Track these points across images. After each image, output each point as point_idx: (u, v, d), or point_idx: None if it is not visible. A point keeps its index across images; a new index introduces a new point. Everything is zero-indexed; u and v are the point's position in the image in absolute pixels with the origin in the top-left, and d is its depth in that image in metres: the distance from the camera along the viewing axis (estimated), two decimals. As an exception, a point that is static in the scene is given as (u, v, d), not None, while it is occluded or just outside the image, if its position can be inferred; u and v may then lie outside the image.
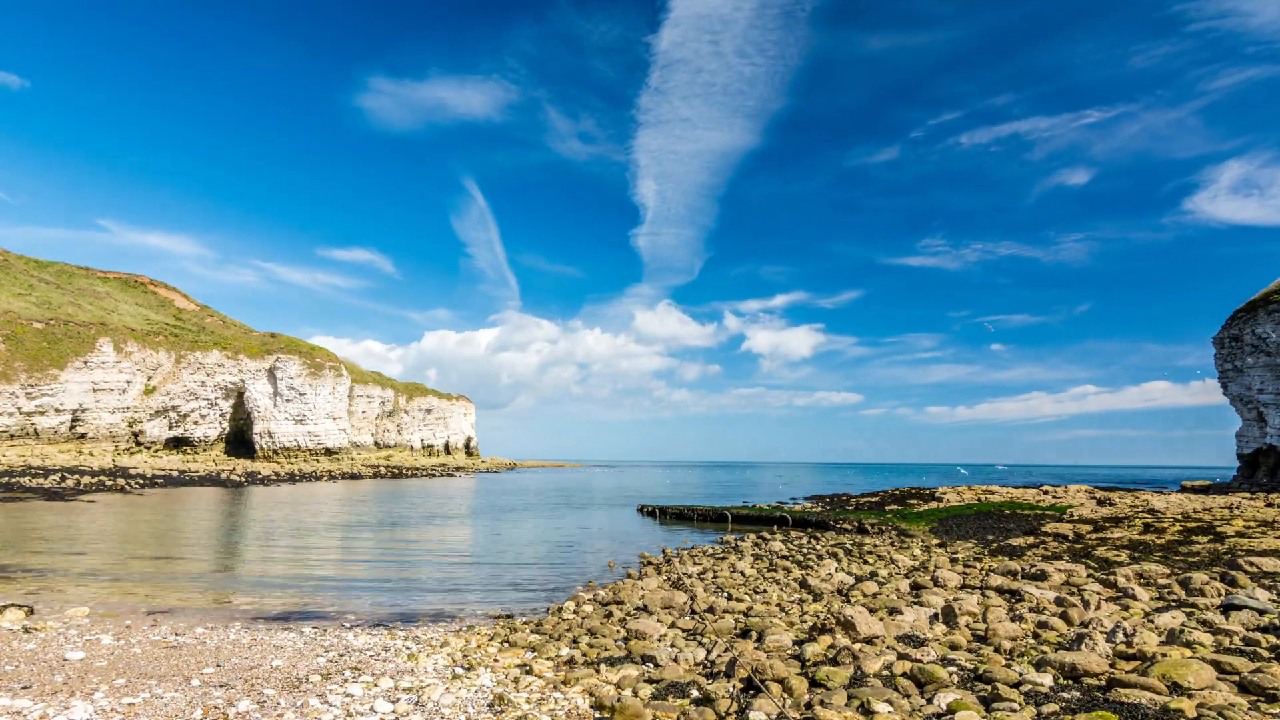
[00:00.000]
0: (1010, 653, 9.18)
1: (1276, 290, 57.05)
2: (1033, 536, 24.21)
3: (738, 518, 35.30)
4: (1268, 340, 54.56)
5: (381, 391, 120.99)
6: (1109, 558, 18.19)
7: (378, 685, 8.34)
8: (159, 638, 10.74)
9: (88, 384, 73.47)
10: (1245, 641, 9.04)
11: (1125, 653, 8.60)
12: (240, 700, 7.66)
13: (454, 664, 9.50)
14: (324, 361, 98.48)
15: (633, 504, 46.39)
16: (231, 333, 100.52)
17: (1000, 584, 14.00)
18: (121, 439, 77.15)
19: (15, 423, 66.76)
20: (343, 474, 78.24)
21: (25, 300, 78.16)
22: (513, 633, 11.53)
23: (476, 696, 7.95)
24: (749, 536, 27.33)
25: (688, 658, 9.35)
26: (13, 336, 69.24)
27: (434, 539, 26.86)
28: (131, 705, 7.41)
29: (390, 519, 34.23)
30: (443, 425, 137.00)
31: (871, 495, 53.02)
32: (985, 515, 32.99)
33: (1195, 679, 7.20)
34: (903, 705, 6.96)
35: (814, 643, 9.40)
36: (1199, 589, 13.00)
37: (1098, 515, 30.03)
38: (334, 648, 10.36)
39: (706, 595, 14.28)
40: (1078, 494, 46.71)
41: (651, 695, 7.83)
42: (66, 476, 51.99)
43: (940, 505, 38.49)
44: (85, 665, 8.97)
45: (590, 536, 28.60)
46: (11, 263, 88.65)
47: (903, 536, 26.92)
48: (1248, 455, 58.13)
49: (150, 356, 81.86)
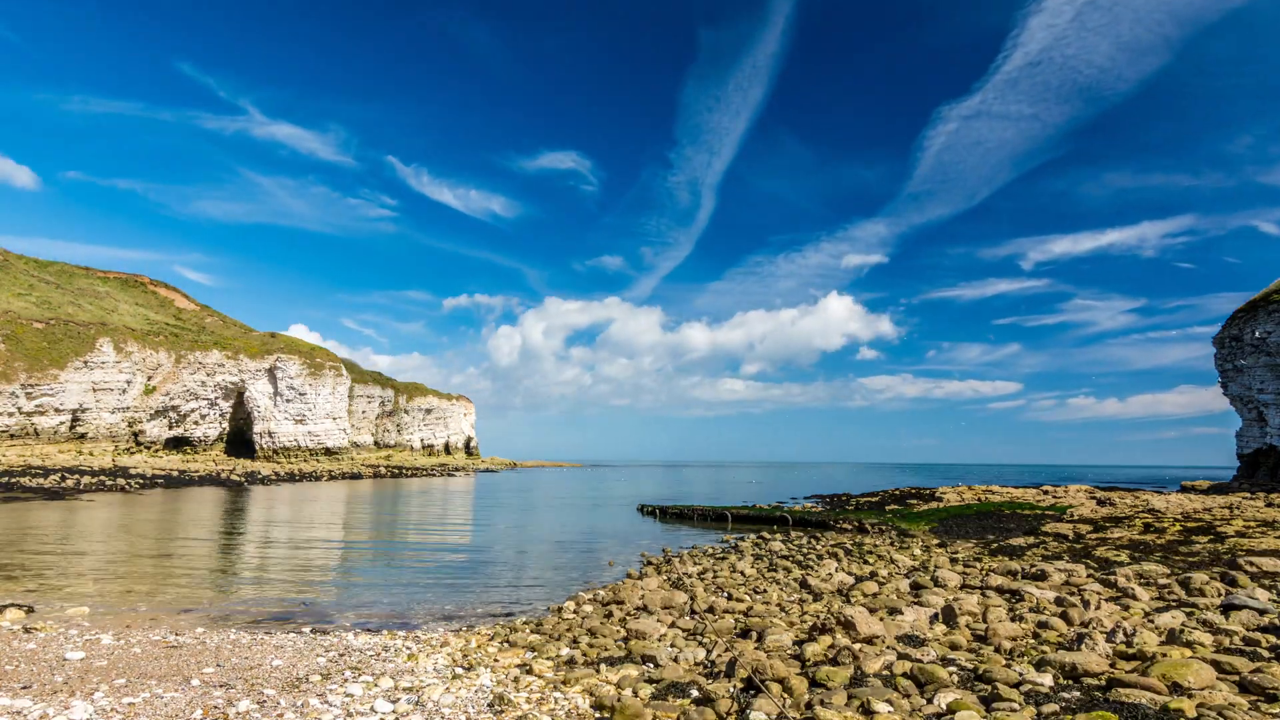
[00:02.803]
0: (1010, 653, 9.18)
1: (1276, 290, 57.05)
2: (1033, 536, 24.20)
3: (738, 518, 35.30)
4: (1268, 340, 54.55)
5: (381, 391, 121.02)
6: (1109, 558, 18.19)
7: (378, 685, 8.33)
8: (159, 637, 10.73)
9: (88, 384, 73.45)
10: (1245, 641, 9.04)
11: (1125, 653, 8.61)
12: (240, 700, 7.66)
13: (454, 664, 9.49)
14: (324, 361, 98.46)
15: (633, 503, 46.38)
16: (231, 333, 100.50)
17: (1000, 584, 14.00)
18: (121, 439, 77.13)
19: (15, 423, 66.75)
20: (343, 474, 78.21)
21: (25, 300, 78.12)
22: (513, 632, 11.52)
23: (477, 696, 7.95)
24: (749, 536, 27.33)
25: (688, 658, 9.34)
26: (13, 336, 69.23)
27: (433, 539, 26.86)
28: (131, 705, 7.41)
29: (390, 519, 34.23)
30: (443, 425, 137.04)
31: (871, 495, 53.03)
32: (985, 515, 32.98)
33: (1195, 679, 7.19)
34: (903, 705, 6.95)
35: (814, 643, 9.39)
36: (1199, 589, 13.00)
37: (1098, 515, 30.02)
38: (334, 648, 10.36)
39: (706, 595, 14.28)
40: (1078, 494, 46.70)
41: (652, 695, 7.82)
42: (66, 476, 51.97)
43: (940, 505, 38.50)
44: (85, 665, 8.97)
45: (590, 536, 28.59)
46: (11, 263, 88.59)
47: (903, 536, 26.91)
48: (1248, 455, 58.14)
49: (150, 356, 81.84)
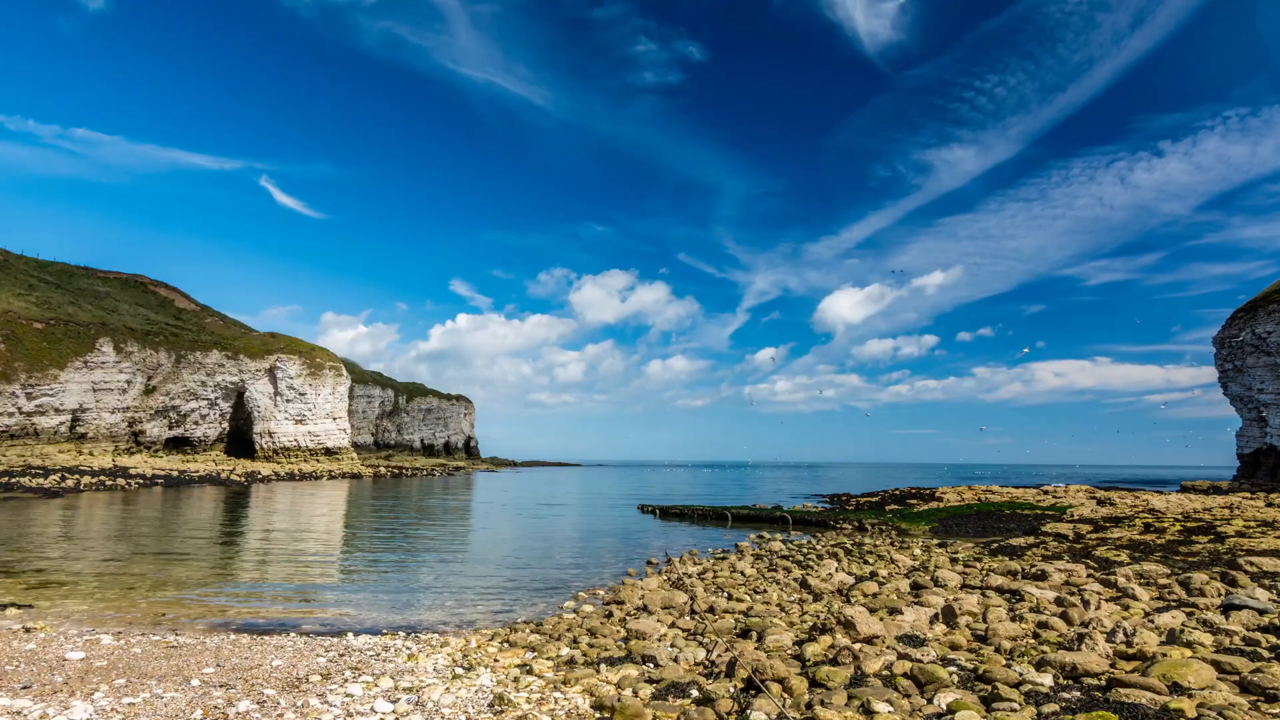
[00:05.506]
0: (1010, 653, 9.17)
1: (1276, 290, 57.04)
2: (1033, 536, 24.19)
3: (738, 517, 35.31)
4: (1268, 340, 54.53)
5: (382, 391, 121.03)
6: (1109, 558, 18.18)
7: (378, 685, 8.33)
8: (159, 637, 10.73)
9: (88, 384, 73.44)
10: (1245, 641, 9.03)
11: (1125, 653, 8.60)
12: (240, 700, 7.65)
13: (454, 664, 9.49)
14: (324, 361, 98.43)
15: (633, 503, 46.37)
16: (231, 333, 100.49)
17: (1000, 584, 13.99)
18: (121, 439, 77.12)
19: (15, 423, 66.74)
20: (343, 474, 78.20)
21: (25, 300, 78.09)
22: (513, 632, 11.52)
23: (477, 696, 7.94)
24: (749, 536, 27.34)
25: (688, 658, 9.34)
26: (13, 336, 69.22)
27: (433, 538, 26.86)
28: (131, 705, 7.40)
29: (389, 519, 34.23)
30: (443, 425, 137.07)
31: (871, 495, 53.04)
32: (985, 515, 32.98)
33: (1195, 679, 7.19)
34: (903, 705, 6.95)
35: (814, 643, 9.39)
36: (1199, 589, 12.99)
37: (1098, 515, 30.00)
38: (334, 647, 10.35)
39: (706, 595, 14.27)
40: (1078, 494, 46.69)
41: (652, 695, 7.82)
42: (66, 476, 51.96)
43: (940, 505, 38.49)
44: (85, 665, 8.97)
45: (590, 535, 28.58)
46: (11, 263, 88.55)
47: (903, 536, 26.91)
48: (1248, 455, 58.14)
49: (150, 356, 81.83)
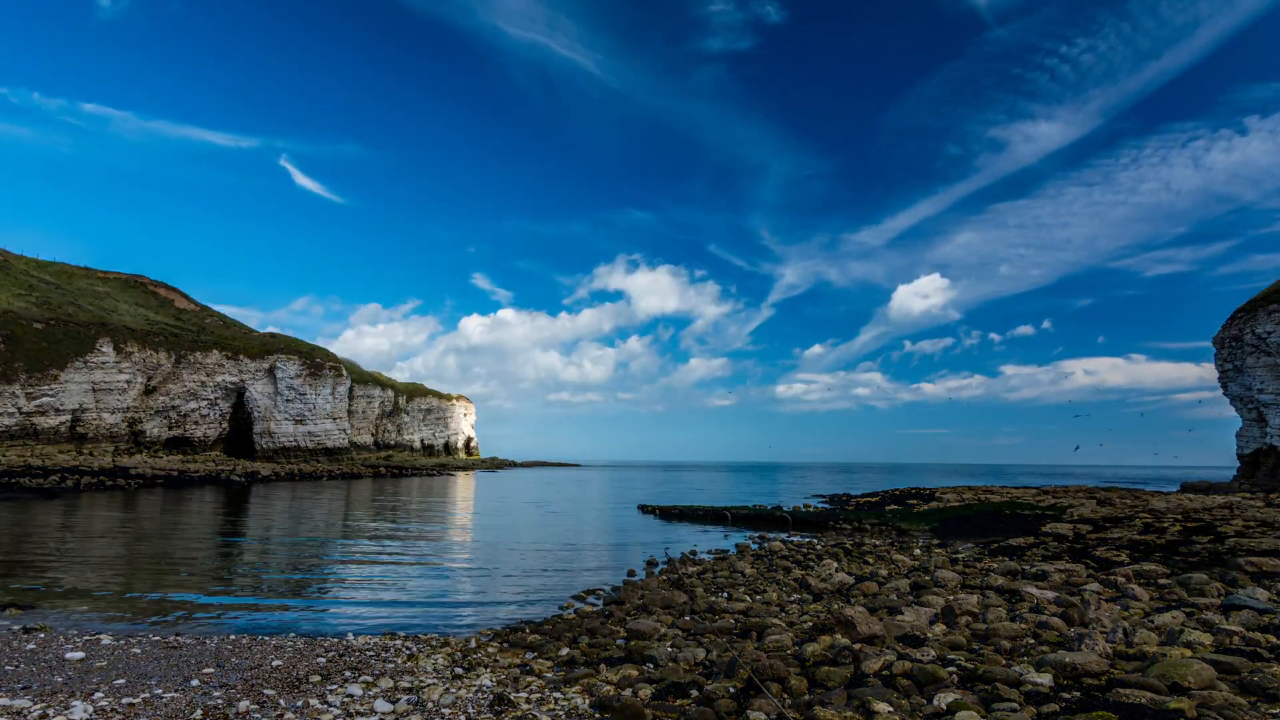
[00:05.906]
0: (1010, 653, 9.17)
1: (1277, 290, 57.03)
2: (1033, 536, 24.18)
3: (738, 517, 35.30)
4: (1268, 340, 54.52)
5: (382, 391, 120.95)
6: (1109, 558, 18.18)
7: (377, 685, 8.33)
8: (158, 638, 10.73)
9: (88, 384, 73.44)
10: (1245, 641, 9.03)
11: (1125, 653, 8.60)
12: (240, 700, 7.65)
13: (454, 664, 9.49)
14: (324, 362, 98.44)
15: (633, 503, 46.38)
16: (231, 333, 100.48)
17: (1000, 584, 13.99)
18: (121, 439, 77.11)
19: (15, 423, 66.74)
20: (343, 474, 78.21)
21: (25, 300, 78.08)
22: (512, 633, 11.53)
23: (477, 696, 7.94)
24: (749, 536, 27.34)
25: (688, 658, 9.34)
26: (13, 336, 69.21)
27: (433, 538, 26.86)
28: (131, 705, 7.40)
29: (389, 518, 34.22)
30: (443, 425, 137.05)
31: (871, 495, 53.04)
32: (985, 515, 32.95)
33: (1195, 679, 7.18)
34: (903, 705, 6.95)
35: (814, 643, 9.39)
36: (1199, 589, 12.99)
37: (1098, 515, 29.98)
38: (333, 648, 10.36)
39: (706, 595, 14.27)
40: (1078, 494, 46.66)
41: (652, 695, 7.82)
42: (66, 477, 51.95)
43: (940, 505, 38.48)
44: (85, 665, 8.97)
45: (590, 535, 28.59)
46: (11, 263, 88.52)
47: (902, 536, 26.91)
48: (1248, 455, 58.08)
49: (150, 356, 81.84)
